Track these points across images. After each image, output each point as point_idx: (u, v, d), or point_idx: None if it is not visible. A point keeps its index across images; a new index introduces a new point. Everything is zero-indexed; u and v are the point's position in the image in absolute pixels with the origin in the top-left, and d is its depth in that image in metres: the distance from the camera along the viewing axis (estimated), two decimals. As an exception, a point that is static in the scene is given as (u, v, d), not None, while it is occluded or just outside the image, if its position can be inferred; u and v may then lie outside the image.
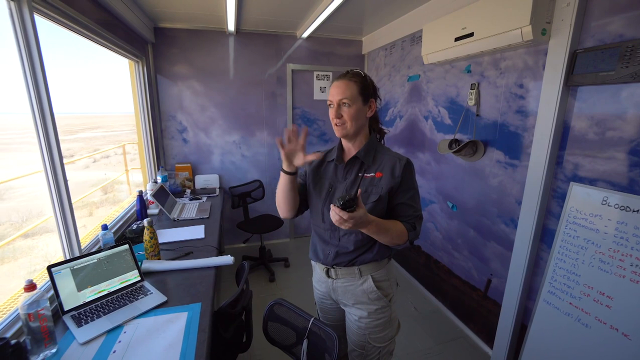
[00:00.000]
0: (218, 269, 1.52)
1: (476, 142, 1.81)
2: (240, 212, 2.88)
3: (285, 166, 1.01)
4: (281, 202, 1.09)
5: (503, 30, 1.46)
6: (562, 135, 1.40)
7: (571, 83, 1.32)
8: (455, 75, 1.99)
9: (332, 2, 2.00)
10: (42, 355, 0.92)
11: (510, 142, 1.65)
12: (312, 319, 1.07)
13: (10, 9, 1.12)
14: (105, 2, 1.73)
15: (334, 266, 1.10)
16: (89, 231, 3.24)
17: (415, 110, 2.46)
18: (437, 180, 2.25)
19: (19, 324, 0.92)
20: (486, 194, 1.82)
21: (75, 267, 1.18)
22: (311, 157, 0.99)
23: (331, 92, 1.01)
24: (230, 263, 1.51)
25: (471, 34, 1.63)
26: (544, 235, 1.51)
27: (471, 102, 1.83)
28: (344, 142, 1.09)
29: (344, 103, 0.98)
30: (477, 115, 1.83)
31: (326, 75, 3.22)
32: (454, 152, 1.85)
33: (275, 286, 2.59)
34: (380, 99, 1.09)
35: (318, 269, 1.19)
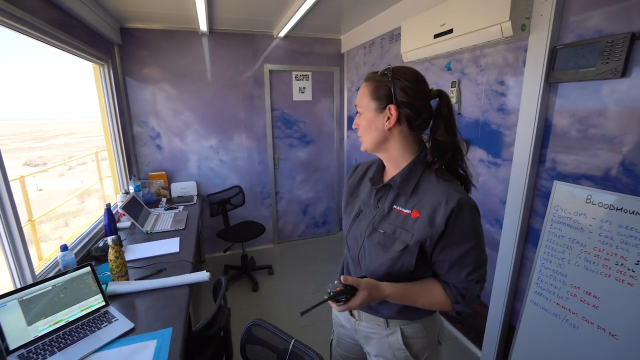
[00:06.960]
0: (195, 285, 1.42)
1: (458, 141, 1.77)
2: (221, 219, 2.75)
3: None
4: None
5: (482, 27, 1.42)
6: (544, 133, 1.37)
7: (552, 80, 1.29)
8: (436, 73, 1.95)
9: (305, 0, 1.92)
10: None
11: (492, 140, 1.62)
12: (293, 340, 0.99)
13: None
14: (59, 0, 1.58)
15: None
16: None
17: (396, 109, 2.41)
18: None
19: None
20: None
21: (24, 298, 1.05)
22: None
23: None
24: (206, 279, 1.41)
25: (450, 31, 1.59)
26: (530, 235, 1.48)
27: (452, 101, 1.79)
28: (383, 159, 0.89)
29: (357, 111, 0.84)
30: (459, 113, 1.79)
31: (305, 75, 3.13)
32: (437, 152, 1.81)
33: (259, 296, 2.49)
34: (411, 107, 0.76)
35: None
